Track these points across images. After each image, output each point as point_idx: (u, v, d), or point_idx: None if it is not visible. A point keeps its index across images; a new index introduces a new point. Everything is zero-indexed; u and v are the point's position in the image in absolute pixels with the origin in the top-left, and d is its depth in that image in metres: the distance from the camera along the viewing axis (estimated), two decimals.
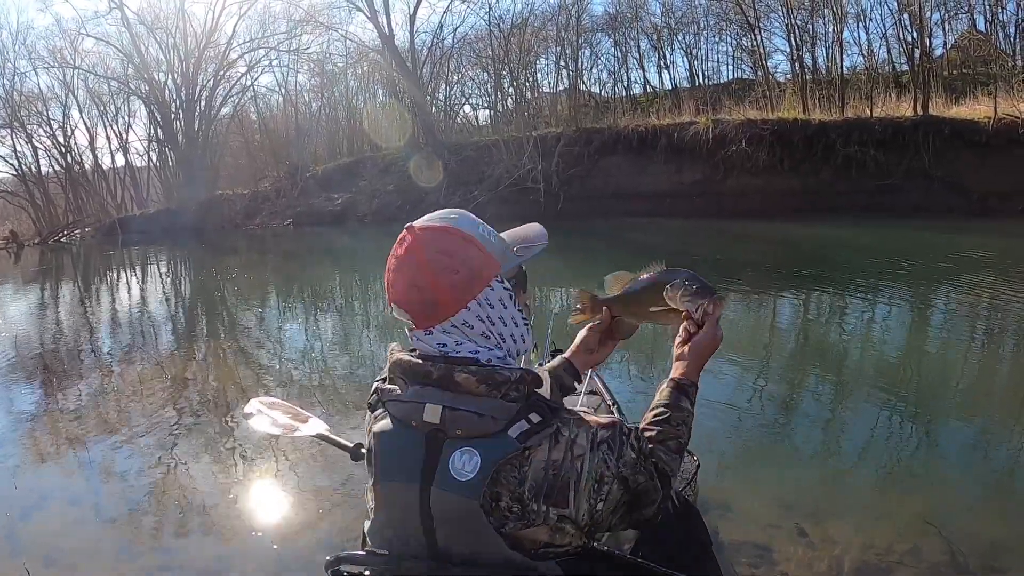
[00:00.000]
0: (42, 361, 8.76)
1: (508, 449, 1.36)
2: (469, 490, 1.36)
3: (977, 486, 3.97)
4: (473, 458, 1.37)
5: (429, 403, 1.41)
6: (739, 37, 31.95)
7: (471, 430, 1.39)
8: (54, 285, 19.01)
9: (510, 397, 1.41)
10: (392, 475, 1.47)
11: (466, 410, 1.39)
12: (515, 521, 1.38)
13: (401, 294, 1.49)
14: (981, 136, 19.05)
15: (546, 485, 1.38)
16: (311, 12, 32.71)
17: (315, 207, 29.33)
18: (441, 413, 1.40)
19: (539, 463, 1.38)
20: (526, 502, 1.38)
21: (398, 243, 1.50)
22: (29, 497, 4.45)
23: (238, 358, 8.35)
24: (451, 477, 1.38)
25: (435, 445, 1.41)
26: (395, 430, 1.47)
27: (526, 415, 1.40)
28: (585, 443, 1.41)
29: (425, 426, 1.41)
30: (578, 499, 1.40)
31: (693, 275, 1.90)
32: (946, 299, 9.33)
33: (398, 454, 1.46)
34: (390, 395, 1.50)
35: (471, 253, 1.48)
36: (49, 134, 36.75)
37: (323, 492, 4.13)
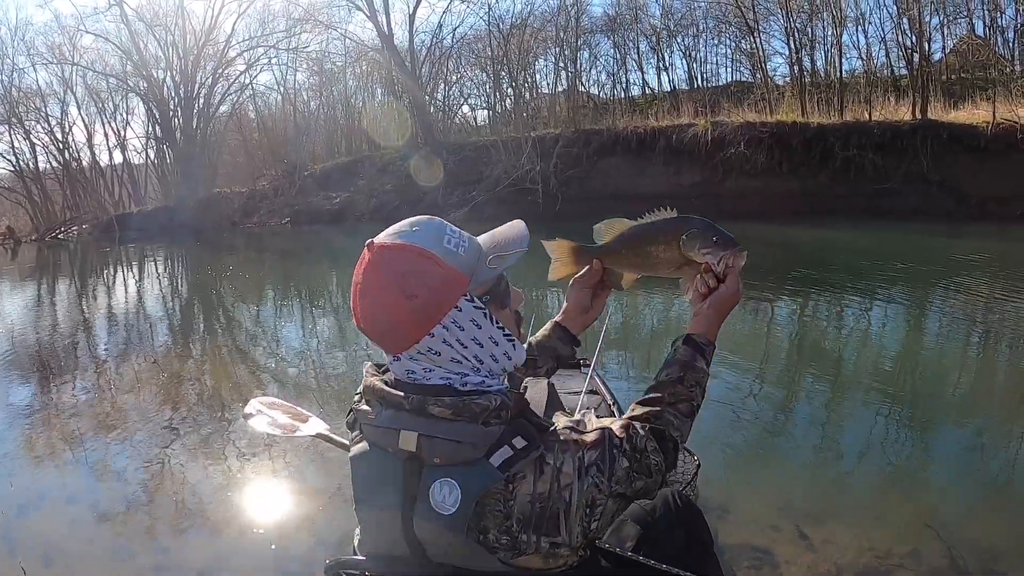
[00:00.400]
0: (38, 358, 8.74)
1: (490, 479, 1.30)
2: (452, 524, 1.32)
3: (976, 488, 3.97)
4: (454, 491, 1.31)
5: (404, 430, 1.35)
6: (738, 40, 32.02)
7: (450, 458, 1.32)
8: (51, 282, 18.96)
9: (491, 423, 1.33)
10: (371, 502, 1.43)
11: (443, 438, 1.32)
12: (506, 551, 1.34)
13: (363, 320, 1.41)
14: (979, 141, 19.06)
15: (534, 517, 1.32)
16: (310, 11, 32.74)
17: (313, 206, 29.30)
18: (417, 440, 1.34)
19: (524, 496, 1.32)
20: (515, 534, 1.33)
21: (359, 262, 1.40)
22: (25, 495, 4.43)
23: (236, 356, 8.34)
24: (432, 510, 1.33)
25: (414, 472, 1.35)
26: (372, 455, 1.42)
27: (509, 440, 1.32)
28: (572, 470, 1.34)
29: (401, 453, 1.36)
30: (570, 526, 1.35)
31: (711, 224, 1.76)
32: (943, 303, 9.33)
33: (376, 481, 1.41)
34: (365, 418, 1.43)
35: (431, 273, 1.35)
36: (47, 130, 36.65)
37: (321, 491, 4.12)
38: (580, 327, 2.02)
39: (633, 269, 1.88)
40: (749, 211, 20.11)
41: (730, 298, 1.73)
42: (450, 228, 1.42)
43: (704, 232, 1.73)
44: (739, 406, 5.35)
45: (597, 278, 1.93)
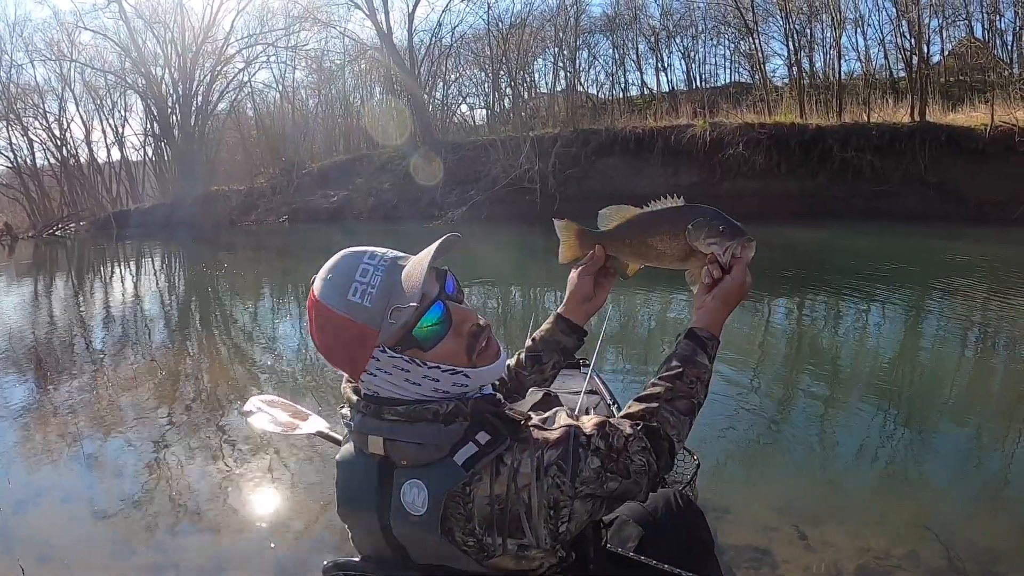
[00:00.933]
0: (35, 355, 8.73)
1: (454, 478, 1.30)
2: (424, 526, 1.32)
3: (973, 490, 3.98)
4: (421, 492, 1.32)
5: (371, 435, 1.37)
6: (737, 41, 32.03)
7: (415, 460, 1.33)
8: (47, 279, 18.93)
9: (452, 422, 1.33)
10: (350, 503, 1.45)
11: (405, 440, 1.33)
12: (476, 553, 1.33)
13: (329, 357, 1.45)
14: (978, 143, 19.07)
15: (495, 519, 1.30)
16: (310, 8, 32.70)
17: (311, 204, 29.29)
18: (383, 444, 1.35)
19: (482, 499, 1.30)
20: (479, 536, 1.31)
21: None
22: (23, 493, 4.42)
23: (233, 354, 8.34)
24: (405, 512, 1.34)
25: (386, 473, 1.37)
26: (352, 459, 1.44)
27: (473, 436, 1.32)
28: (530, 470, 1.31)
29: (373, 455, 1.38)
30: (535, 528, 1.32)
31: (719, 212, 1.71)
32: (940, 305, 9.34)
33: (354, 482, 1.43)
34: (345, 421, 1.46)
35: (341, 331, 1.36)
36: (45, 127, 36.71)
37: (319, 490, 4.11)
38: (583, 317, 1.93)
39: (637, 258, 1.82)
40: (747, 212, 19.82)
41: (736, 289, 1.67)
42: (360, 271, 1.39)
43: (711, 221, 1.68)
44: (738, 406, 5.36)
45: (599, 265, 1.86)
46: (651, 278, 12.89)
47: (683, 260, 1.73)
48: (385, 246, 1.41)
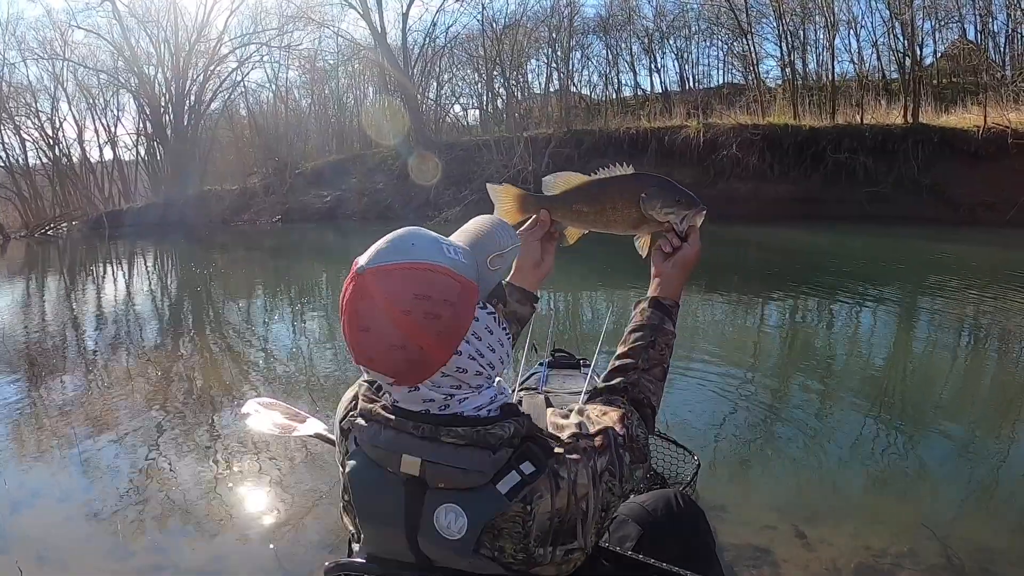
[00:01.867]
0: (27, 355, 8.67)
1: (496, 507, 1.26)
2: (459, 549, 1.28)
3: (970, 488, 3.99)
4: (460, 518, 1.27)
5: (406, 455, 1.29)
6: (730, 42, 32.11)
7: (455, 484, 1.28)
8: (39, 279, 18.87)
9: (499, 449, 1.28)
10: (374, 520, 1.37)
11: (449, 465, 1.27)
12: (521, 565, 1.30)
13: (373, 356, 1.27)
14: (970, 145, 19.19)
15: (552, 532, 1.29)
16: (303, 8, 32.66)
17: (304, 204, 29.30)
18: (420, 466, 1.28)
19: (543, 515, 1.27)
20: (531, 550, 1.29)
21: (351, 292, 1.26)
22: (18, 493, 4.39)
23: (228, 355, 8.32)
24: (438, 534, 1.29)
25: (416, 495, 1.30)
26: (371, 473, 1.35)
27: (517, 466, 1.28)
28: (587, 480, 1.31)
29: (402, 474, 1.30)
30: (586, 532, 1.33)
31: (670, 182, 1.76)
32: (933, 305, 9.38)
33: (376, 500, 1.35)
34: (363, 434, 1.36)
35: (449, 288, 1.25)
36: (37, 126, 36.54)
37: (319, 491, 4.10)
38: (535, 282, 1.89)
39: (584, 224, 1.83)
40: (740, 213, 20.18)
41: (694, 257, 1.76)
42: (440, 236, 1.34)
43: (666, 191, 1.74)
44: (737, 407, 5.37)
45: (545, 230, 1.85)
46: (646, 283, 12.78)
47: (635, 227, 1.78)
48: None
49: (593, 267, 11.49)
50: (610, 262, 12.68)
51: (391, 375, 1.27)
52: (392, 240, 1.30)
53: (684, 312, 6.57)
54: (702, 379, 5.99)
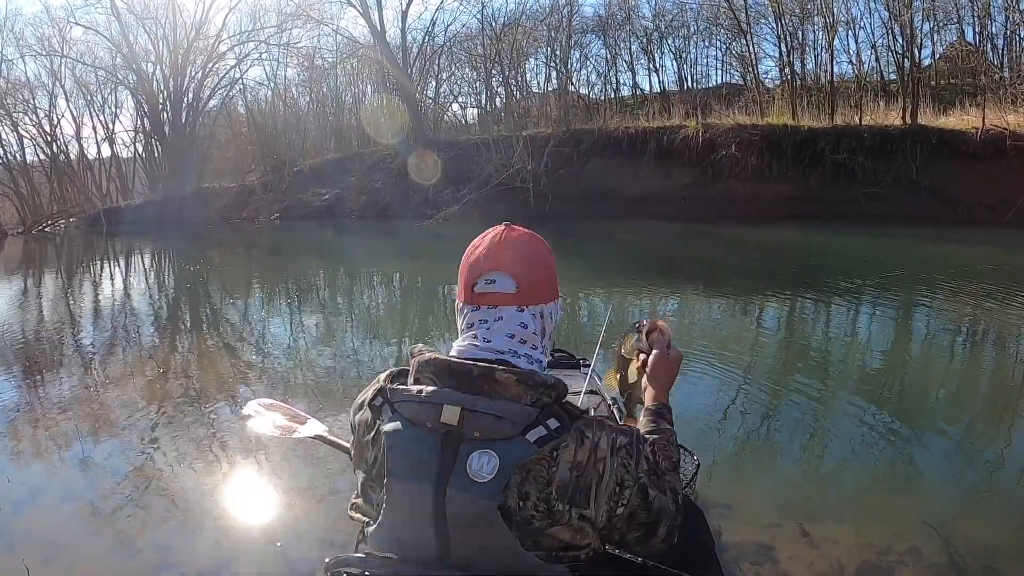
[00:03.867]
0: (26, 352, 8.66)
1: (526, 453, 1.38)
2: (487, 492, 1.37)
3: (973, 487, 4.02)
4: (492, 460, 1.38)
5: (447, 404, 1.42)
6: (729, 42, 32.13)
7: (489, 433, 1.39)
8: (37, 275, 18.86)
9: (533, 402, 1.43)
10: (405, 476, 1.44)
11: (486, 412, 1.40)
12: (541, 520, 1.40)
13: (513, 264, 1.57)
14: (969, 146, 19.21)
15: (571, 486, 1.40)
16: (302, 6, 32.59)
17: (303, 201, 29.26)
18: (460, 415, 1.40)
19: (565, 464, 1.40)
20: (552, 502, 1.39)
21: (500, 231, 1.63)
22: (22, 492, 4.38)
23: (229, 353, 8.31)
24: (468, 479, 1.38)
25: (451, 447, 1.41)
26: (407, 431, 1.45)
27: (544, 421, 1.41)
28: (606, 447, 1.43)
29: (441, 427, 1.42)
30: (598, 501, 1.43)
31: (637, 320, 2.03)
32: (932, 306, 9.40)
33: (412, 455, 1.43)
34: (403, 395, 1.48)
35: (553, 266, 1.66)
36: (35, 123, 36.44)
37: (324, 489, 4.12)
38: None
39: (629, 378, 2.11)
40: (739, 214, 20.22)
41: (661, 364, 1.91)
42: None
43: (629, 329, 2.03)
44: (737, 406, 5.40)
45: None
46: (655, 283, 13.10)
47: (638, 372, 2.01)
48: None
49: (592, 267, 11.52)
50: (609, 262, 12.74)
51: (517, 283, 1.56)
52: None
53: (683, 312, 6.60)
54: (702, 379, 6.01)
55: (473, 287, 1.58)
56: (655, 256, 16.29)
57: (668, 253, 16.67)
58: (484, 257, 1.59)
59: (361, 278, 15.20)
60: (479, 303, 1.58)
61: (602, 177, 23.70)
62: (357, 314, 10.94)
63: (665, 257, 16.02)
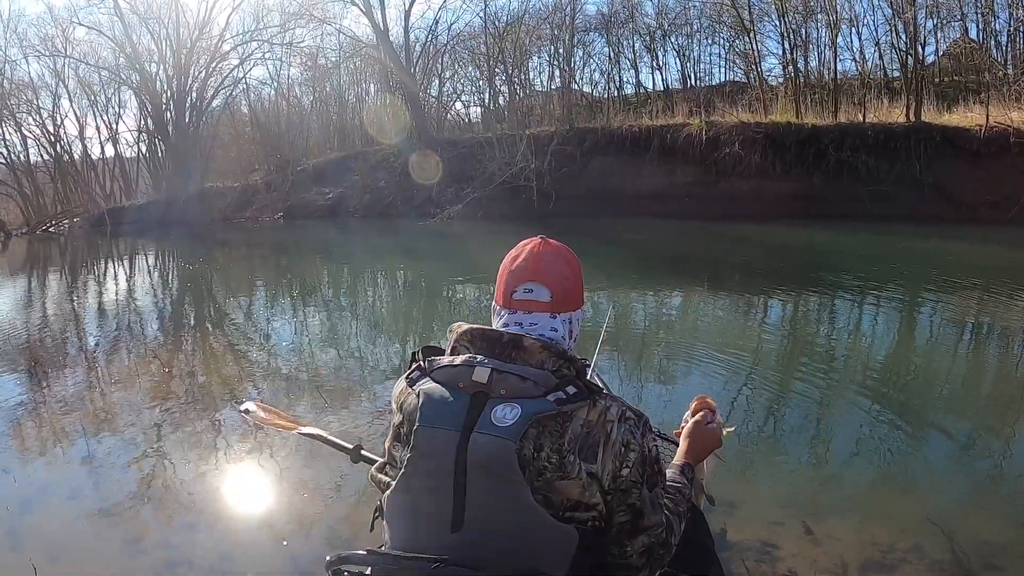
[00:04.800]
0: (31, 352, 8.67)
1: (545, 407, 1.50)
2: (507, 432, 1.48)
3: (976, 485, 4.02)
4: (514, 409, 1.49)
5: (479, 367, 1.54)
6: (732, 40, 32.09)
7: (515, 391, 1.52)
8: (41, 275, 18.90)
9: (554, 371, 1.56)
10: (434, 422, 1.53)
11: (512, 373, 1.53)
12: (553, 472, 1.50)
13: (550, 276, 1.71)
14: (972, 143, 19.17)
15: (580, 440, 1.51)
16: (305, 5, 32.59)
17: (306, 201, 29.28)
18: (489, 375, 1.53)
19: (578, 420, 1.52)
20: (564, 454, 1.50)
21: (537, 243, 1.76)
22: (28, 491, 4.40)
23: (233, 353, 8.33)
24: (491, 423, 1.49)
25: (479, 403, 1.52)
26: (441, 390, 1.56)
27: (564, 388, 1.52)
28: (615, 415, 1.55)
29: (472, 386, 1.53)
30: (605, 458, 1.52)
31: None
32: (935, 303, 9.42)
33: (443, 406, 1.54)
34: (438, 364, 1.61)
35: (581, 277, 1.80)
36: (39, 123, 36.43)
37: (330, 488, 4.14)
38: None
39: None
40: (742, 212, 20.20)
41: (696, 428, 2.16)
42: None
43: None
44: (740, 404, 5.40)
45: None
46: (658, 281, 13.10)
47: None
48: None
49: (595, 265, 11.50)
50: (612, 261, 12.73)
51: (552, 294, 1.70)
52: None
53: (686, 309, 6.61)
54: (705, 376, 6.02)
55: (512, 294, 1.72)
56: (658, 254, 16.29)
57: (671, 251, 16.67)
58: (523, 268, 1.72)
59: (365, 277, 15.21)
60: (516, 308, 1.71)
61: (606, 175, 23.69)
62: (361, 313, 10.95)
63: (668, 255, 16.01)
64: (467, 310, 10.24)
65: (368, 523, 1.75)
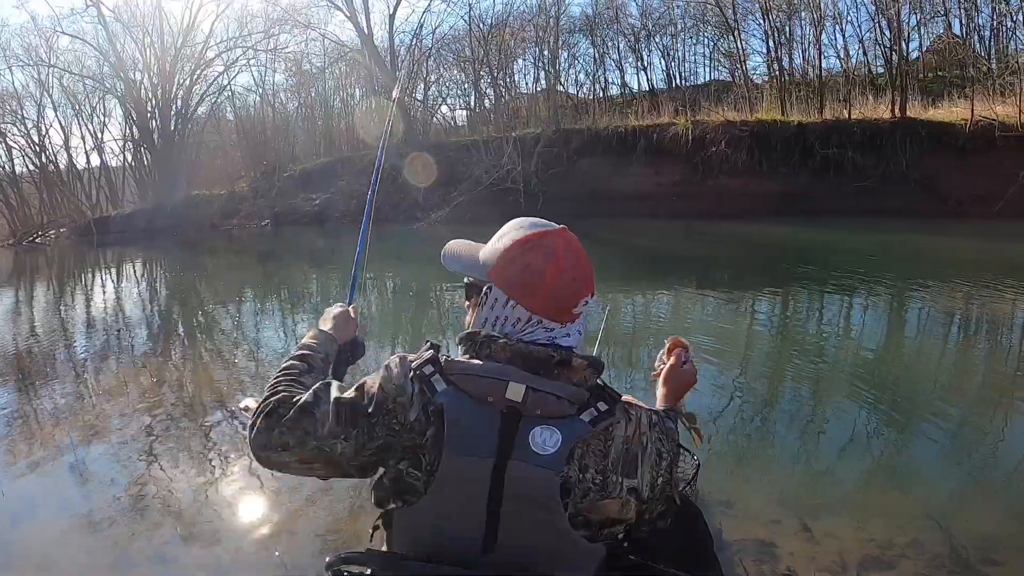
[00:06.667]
0: (18, 364, 8.60)
1: (583, 430, 1.44)
2: (551, 463, 1.42)
3: (973, 479, 4.03)
4: (554, 435, 1.43)
5: (513, 381, 1.45)
6: (716, 39, 32.15)
7: (550, 411, 1.45)
8: (28, 286, 18.78)
9: (585, 385, 1.50)
10: (464, 450, 1.43)
11: (548, 392, 1.45)
12: (596, 492, 1.46)
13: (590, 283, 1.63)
14: (958, 139, 19.29)
15: (622, 459, 1.48)
16: (289, 11, 32.58)
17: (293, 207, 29.17)
18: (524, 392, 1.44)
19: (619, 438, 1.48)
20: (607, 474, 1.47)
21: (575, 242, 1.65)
22: (17, 505, 4.35)
23: (222, 361, 8.28)
24: (531, 452, 1.42)
25: (512, 422, 1.44)
26: (467, 406, 1.46)
27: (595, 403, 1.47)
28: (647, 423, 1.53)
29: (504, 403, 1.45)
30: (643, 470, 1.50)
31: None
32: (925, 299, 9.46)
33: (470, 429, 1.44)
34: (460, 367, 1.49)
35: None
36: (23, 133, 36.24)
37: (321, 495, 4.09)
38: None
39: None
40: (730, 210, 20.23)
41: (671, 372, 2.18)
42: None
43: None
44: (734, 404, 5.40)
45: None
46: (647, 282, 13.12)
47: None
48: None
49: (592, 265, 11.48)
50: (602, 261, 12.68)
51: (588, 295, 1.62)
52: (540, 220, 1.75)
53: (676, 308, 6.58)
54: (701, 375, 6.00)
55: (572, 308, 1.59)
56: (647, 254, 16.31)
57: (660, 251, 16.69)
58: (580, 279, 1.60)
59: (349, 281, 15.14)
60: (575, 320, 1.60)
61: (593, 176, 23.70)
62: None
63: (657, 255, 16.04)
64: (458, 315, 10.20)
65: (368, 534, 1.66)
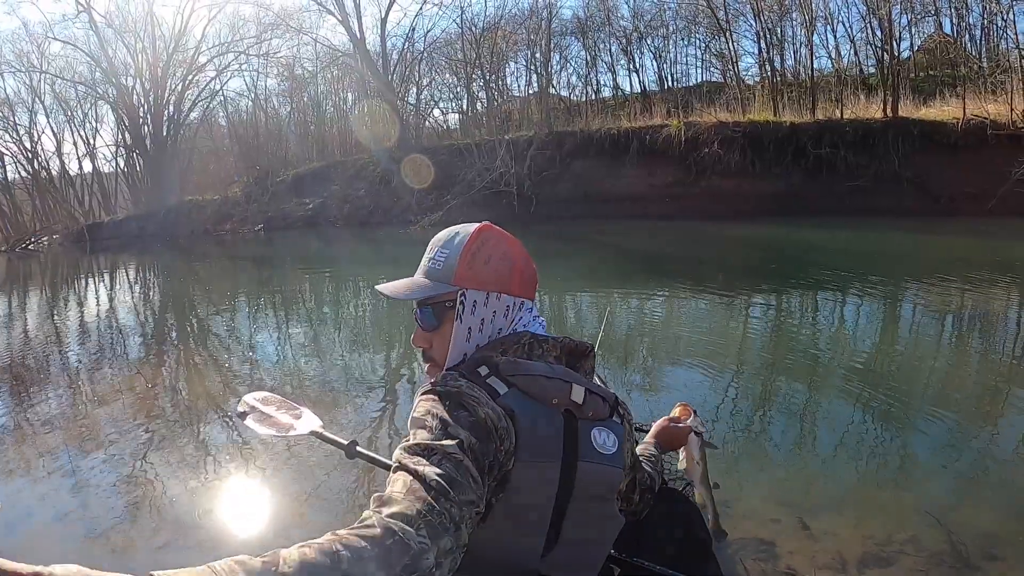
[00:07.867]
0: (12, 371, 8.54)
1: (621, 427, 1.60)
2: (615, 462, 1.55)
3: (971, 475, 4.03)
4: (610, 435, 1.56)
5: (576, 384, 1.55)
6: (708, 40, 32.23)
7: (599, 414, 1.57)
8: (21, 293, 18.71)
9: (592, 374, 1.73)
10: (536, 456, 1.44)
11: (599, 396, 1.59)
12: (629, 470, 1.71)
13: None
14: (950, 137, 19.36)
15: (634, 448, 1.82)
16: (281, 16, 32.59)
17: (286, 212, 29.19)
18: (584, 395, 1.55)
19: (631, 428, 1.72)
20: (635, 455, 1.82)
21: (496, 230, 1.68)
22: (12, 513, 4.30)
23: (217, 366, 8.25)
24: (597, 452, 1.52)
25: (571, 424, 1.51)
26: (534, 410, 1.47)
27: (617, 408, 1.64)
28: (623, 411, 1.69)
29: (566, 404, 1.52)
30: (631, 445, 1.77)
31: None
32: (919, 297, 9.49)
33: (540, 431, 1.46)
34: (521, 368, 1.51)
35: None
36: (15, 139, 36.30)
37: (318, 499, 4.09)
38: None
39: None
40: (723, 211, 20.27)
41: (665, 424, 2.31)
42: None
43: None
44: (729, 403, 5.40)
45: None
46: (631, 282, 13.14)
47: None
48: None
49: (579, 269, 11.50)
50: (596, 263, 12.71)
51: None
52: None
53: (671, 310, 6.60)
54: (696, 376, 6.00)
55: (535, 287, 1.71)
56: (641, 256, 16.32)
57: (654, 252, 16.70)
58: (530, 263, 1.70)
59: (347, 286, 15.13)
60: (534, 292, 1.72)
61: (586, 178, 23.74)
62: (344, 322, 10.88)
63: (651, 256, 16.05)
64: None
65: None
